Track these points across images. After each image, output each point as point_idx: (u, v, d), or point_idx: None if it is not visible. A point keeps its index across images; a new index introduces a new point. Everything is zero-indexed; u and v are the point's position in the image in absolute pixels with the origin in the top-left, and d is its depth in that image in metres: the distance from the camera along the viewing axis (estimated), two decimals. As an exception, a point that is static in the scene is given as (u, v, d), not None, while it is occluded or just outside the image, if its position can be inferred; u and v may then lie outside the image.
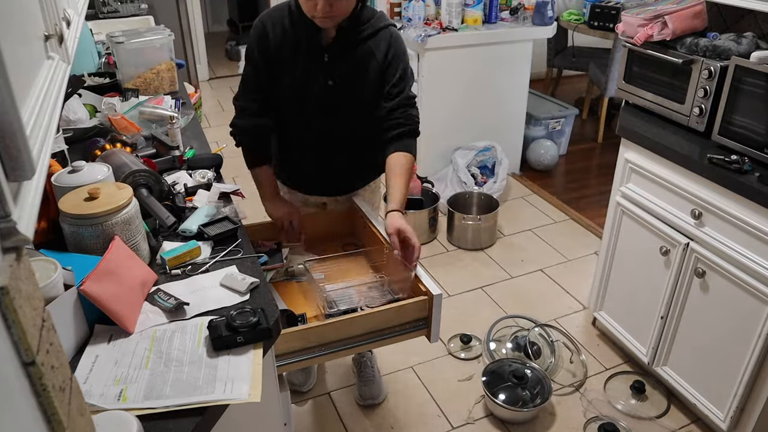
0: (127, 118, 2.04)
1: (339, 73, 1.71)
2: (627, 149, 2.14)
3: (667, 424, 2.13)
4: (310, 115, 1.77)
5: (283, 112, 1.81)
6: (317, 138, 1.82)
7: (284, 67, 1.71)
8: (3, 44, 0.63)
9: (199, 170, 1.79)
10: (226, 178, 1.88)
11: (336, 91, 1.72)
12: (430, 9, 3.47)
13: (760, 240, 1.69)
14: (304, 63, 1.70)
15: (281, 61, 1.71)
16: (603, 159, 4.20)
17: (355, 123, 1.79)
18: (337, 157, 1.86)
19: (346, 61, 1.70)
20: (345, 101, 1.75)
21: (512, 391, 2.16)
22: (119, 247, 1.26)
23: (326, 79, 1.71)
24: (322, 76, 1.70)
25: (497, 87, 3.60)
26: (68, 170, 1.41)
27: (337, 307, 1.59)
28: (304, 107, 1.76)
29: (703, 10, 1.98)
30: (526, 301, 2.77)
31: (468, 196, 3.33)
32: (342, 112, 1.77)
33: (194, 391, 1.05)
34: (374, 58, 1.71)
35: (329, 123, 1.78)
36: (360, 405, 2.21)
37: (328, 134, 1.81)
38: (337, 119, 1.78)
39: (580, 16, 4.29)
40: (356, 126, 1.80)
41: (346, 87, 1.72)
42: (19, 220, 0.61)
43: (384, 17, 1.75)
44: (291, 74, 1.72)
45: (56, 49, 1.10)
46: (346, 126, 1.80)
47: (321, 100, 1.73)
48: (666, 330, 2.09)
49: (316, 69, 1.70)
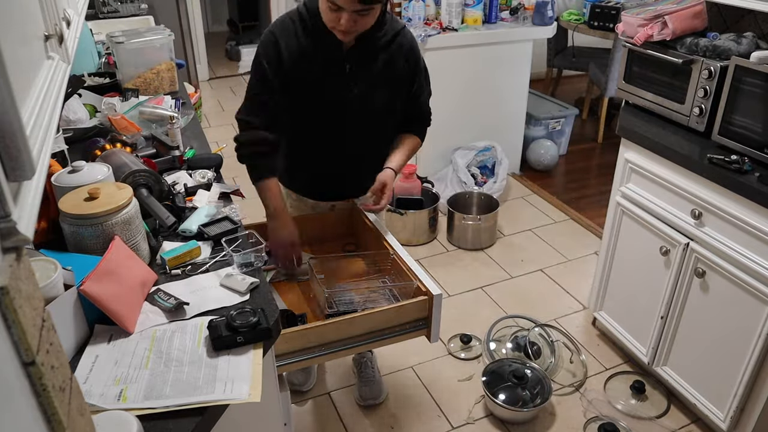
0: (127, 118, 2.04)
1: (362, 81, 1.67)
2: (627, 149, 2.14)
3: (667, 424, 2.13)
4: (334, 125, 1.73)
5: (300, 125, 1.75)
6: (340, 146, 1.78)
7: (302, 81, 1.65)
8: (3, 44, 0.63)
9: (199, 170, 1.79)
10: (226, 178, 1.88)
11: (361, 100, 1.69)
12: (430, 9, 3.47)
13: (760, 240, 1.69)
14: (325, 75, 1.65)
15: (298, 75, 1.64)
16: (603, 159, 4.20)
17: (377, 127, 1.79)
18: (356, 163, 1.83)
19: (367, 70, 1.67)
20: (370, 108, 1.72)
21: (512, 391, 2.16)
22: (119, 247, 1.26)
23: (350, 89, 1.67)
24: (345, 86, 1.66)
25: (497, 87, 3.59)
26: (68, 170, 1.41)
27: (337, 308, 1.59)
28: (328, 118, 1.72)
29: (703, 10, 1.98)
30: (526, 301, 2.77)
31: (468, 196, 3.33)
32: (367, 118, 1.74)
33: (194, 391, 1.05)
34: (396, 63, 1.70)
35: (353, 131, 1.76)
36: (360, 405, 2.21)
37: (351, 141, 1.78)
38: (361, 126, 1.75)
39: (580, 16, 4.29)
40: (377, 130, 1.79)
41: (370, 95, 1.70)
42: (19, 220, 0.61)
43: (395, 20, 1.74)
44: (311, 87, 1.66)
45: (56, 49, 1.10)
46: (369, 131, 1.78)
47: (346, 110, 1.70)
48: (666, 330, 2.09)
49: (338, 80, 1.66)
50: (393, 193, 1.77)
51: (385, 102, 1.74)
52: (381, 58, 1.68)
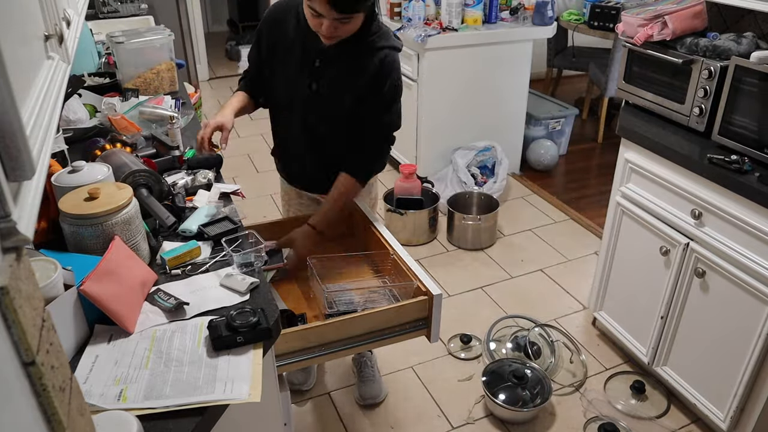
0: (126, 118, 2.04)
1: (324, 81, 1.70)
2: (627, 149, 2.14)
3: (667, 424, 2.13)
4: (294, 113, 1.79)
5: (272, 104, 1.87)
6: (300, 135, 1.82)
7: (280, 59, 1.74)
8: (3, 44, 0.63)
9: (199, 170, 1.79)
10: (226, 178, 1.88)
11: (316, 96, 1.72)
12: (430, 9, 3.48)
13: (760, 240, 1.69)
14: (296, 62, 1.72)
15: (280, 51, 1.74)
16: (603, 159, 4.20)
17: (336, 128, 1.78)
18: (319, 157, 1.85)
19: (334, 70, 1.69)
20: (325, 107, 1.74)
21: (512, 391, 2.16)
22: (119, 247, 1.26)
23: (310, 83, 1.71)
24: (307, 79, 1.71)
25: (497, 87, 3.59)
26: (68, 170, 1.41)
27: (337, 308, 1.59)
28: (289, 104, 1.78)
29: (703, 10, 1.98)
30: (526, 301, 2.77)
31: (468, 196, 3.33)
32: (322, 116, 1.76)
33: (194, 391, 1.05)
34: (362, 76, 1.67)
35: (311, 123, 1.78)
36: (360, 405, 2.21)
37: (310, 133, 1.81)
38: (318, 122, 1.78)
39: (580, 16, 4.29)
40: (337, 130, 1.79)
41: (327, 95, 1.71)
42: (19, 220, 0.61)
43: (386, 36, 1.68)
44: (282, 69, 1.75)
45: (56, 49, 1.10)
46: (327, 129, 1.79)
47: (302, 102, 1.75)
48: (666, 330, 2.09)
49: (304, 71, 1.71)
50: (393, 195, 1.79)
51: (342, 106, 1.72)
52: (351, 65, 1.67)
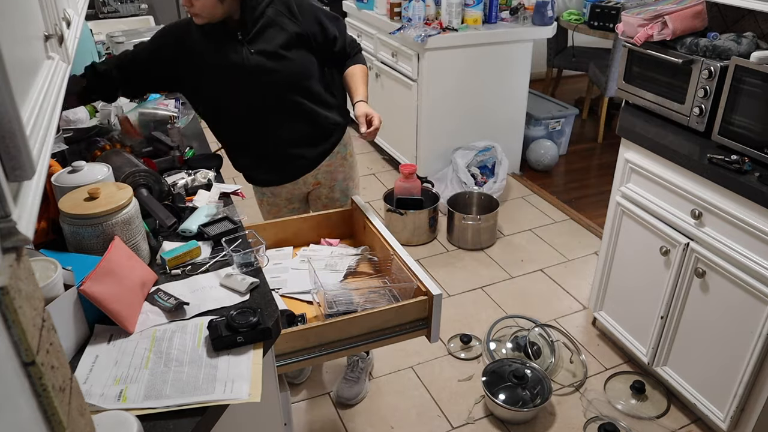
0: (130, 121, 2.04)
1: (257, 46, 1.74)
2: (627, 149, 2.14)
3: (667, 424, 2.13)
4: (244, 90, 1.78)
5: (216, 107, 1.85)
6: (258, 114, 1.82)
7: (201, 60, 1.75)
8: (3, 44, 0.63)
9: (199, 170, 1.79)
10: (226, 178, 1.88)
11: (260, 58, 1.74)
12: (430, 9, 3.47)
13: (760, 240, 1.69)
14: (219, 48, 1.74)
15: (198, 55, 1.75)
16: (603, 159, 4.20)
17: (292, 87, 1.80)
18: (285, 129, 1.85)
19: (258, 34, 1.74)
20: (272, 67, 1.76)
21: (512, 391, 2.16)
22: (119, 247, 1.26)
23: (247, 51, 1.74)
24: (241, 49, 1.74)
25: (497, 87, 3.59)
26: (68, 170, 1.41)
27: (337, 308, 1.59)
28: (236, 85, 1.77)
29: (703, 10, 1.98)
30: (526, 301, 2.77)
31: (468, 196, 3.33)
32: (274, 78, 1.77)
33: (194, 391, 1.05)
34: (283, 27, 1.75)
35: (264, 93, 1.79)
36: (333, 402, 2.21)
37: (267, 106, 1.81)
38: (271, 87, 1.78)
39: (580, 16, 4.29)
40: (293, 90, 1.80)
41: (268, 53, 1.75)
42: (19, 220, 0.61)
43: None
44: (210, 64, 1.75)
45: (56, 49, 1.10)
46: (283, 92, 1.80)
47: (249, 70, 1.75)
48: (666, 330, 2.09)
49: (233, 47, 1.74)
50: (394, 195, 1.80)
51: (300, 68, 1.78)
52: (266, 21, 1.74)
